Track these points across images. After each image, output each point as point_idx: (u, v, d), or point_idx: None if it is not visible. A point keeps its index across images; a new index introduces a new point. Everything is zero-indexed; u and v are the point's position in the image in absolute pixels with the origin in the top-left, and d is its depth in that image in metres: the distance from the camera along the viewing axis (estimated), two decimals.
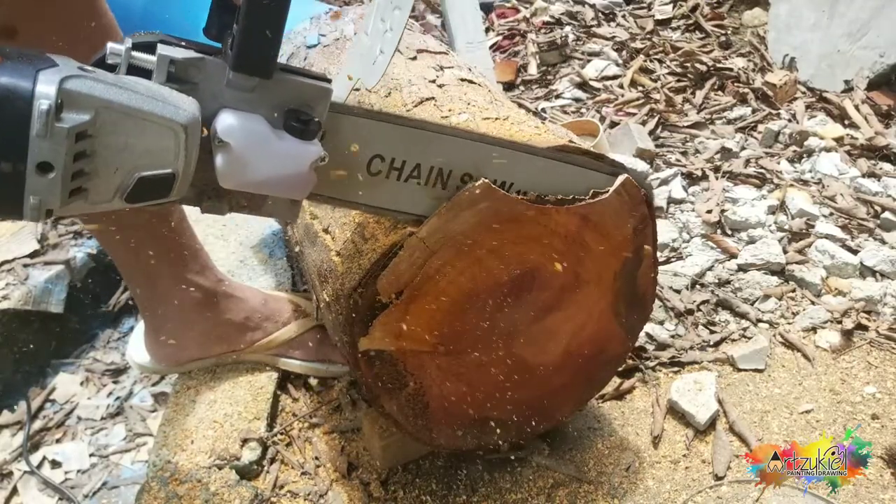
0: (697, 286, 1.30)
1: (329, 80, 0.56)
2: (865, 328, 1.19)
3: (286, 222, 0.63)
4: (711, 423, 1.02)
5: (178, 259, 0.99)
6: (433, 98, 0.85)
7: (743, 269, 1.33)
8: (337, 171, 0.61)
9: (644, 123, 1.83)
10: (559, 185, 0.73)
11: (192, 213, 0.84)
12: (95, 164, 0.47)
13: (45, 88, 0.42)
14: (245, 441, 0.99)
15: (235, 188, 0.54)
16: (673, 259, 1.38)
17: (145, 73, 0.50)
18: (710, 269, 1.34)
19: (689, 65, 2.10)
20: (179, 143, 0.48)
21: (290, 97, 0.54)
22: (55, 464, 1.06)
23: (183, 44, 0.52)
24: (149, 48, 0.50)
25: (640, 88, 2.03)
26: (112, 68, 0.50)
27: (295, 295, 1.16)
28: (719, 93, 2.02)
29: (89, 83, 0.44)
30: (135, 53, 0.50)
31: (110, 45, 0.49)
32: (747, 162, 1.66)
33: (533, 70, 2.17)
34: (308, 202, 0.69)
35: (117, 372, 1.22)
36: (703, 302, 1.27)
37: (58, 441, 1.10)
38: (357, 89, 0.63)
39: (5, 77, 0.42)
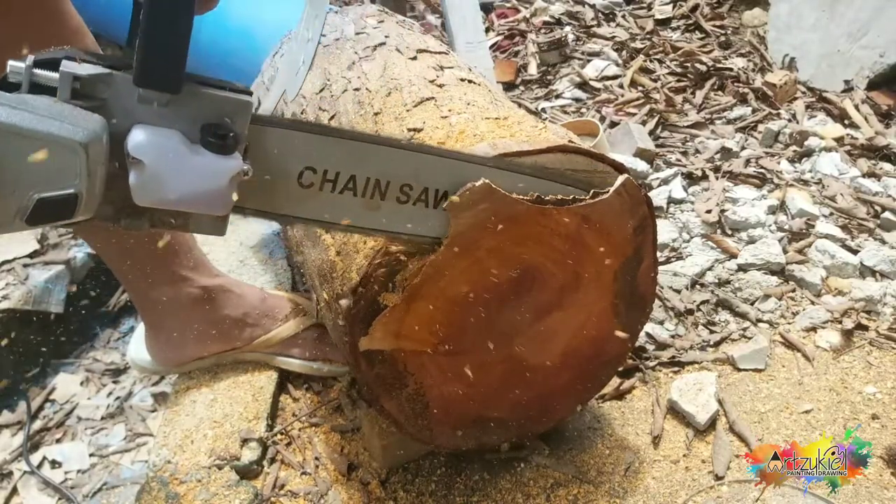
0: (697, 286, 1.30)
1: (250, 93, 0.54)
2: (865, 328, 1.19)
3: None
4: (711, 423, 1.02)
5: (172, 256, 0.99)
6: (433, 98, 0.85)
7: (743, 268, 1.33)
8: (265, 183, 0.59)
9: (644, 123, 1.83)
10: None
11: None
12: None
13: None
14: (245, 441, 0.99)
15: (151, 206, 0.52)
16: (673, 259, 1.38)
17: (51, 92, 0.48)
18: (710, 269, 1.34)
19: (689, 65, 2.10)
20: (80, 163, 0.46)
21: (208, 111, 0.52)
22: (55, 464, 1.06)
23: (92, 59, 0.49)
24: (54, 65, 0.48)
25: (640, 88, 2.03)
26: (16, 87, 0.48)
27: (294, 294, 1.16)
28: (719, 93, 2.02)
29: None
30: (37, 71, 0.47)
31: (11, 63, 0.47)
32: (747, 162, 1.66)
33: (533, 70, 2.17)
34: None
35: (117, 372, 1.23)
36: (703, 302, 1.27)
37: (58, 441, 1.10)
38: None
39: None
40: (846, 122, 1.82)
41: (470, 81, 0.94)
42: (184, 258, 1.00)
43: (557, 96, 2.04)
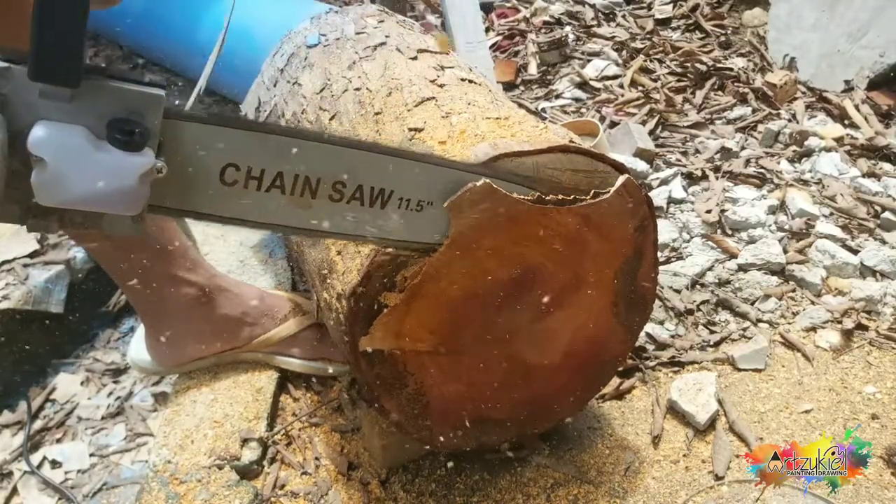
0: (697, 286, 1.30)
1: (162, 86, 0.51)
2: (865, 328, 1.19)
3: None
4: (711, 423, 1.02)
5: (168, 258, 0.99)
6: (434, 98, 0.85)
7: (743, 268, 1.33)
8: (185, 181, 0.56)
9: (644, 123, 1.83)
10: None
11: None
12: None
13: None
14: (245, 441, 0.99)
15: (56, 206, 0.49)
16: (673, 259, 1.38)
17: None
18: (710, 269, 1.34)
19: (689, 65, 2.10)
20: None
21: (115, 105, 0.49)
22: (55, 464, 1.06)
23: None
24: None
25: (640, 88, 2.03)
26: None
27: (294, 294, 1.16)
28: (719, 93, 2.02)
29: None
30: None
31: None
32: (747, 162, 1.66)
33: (533, 70, 2.17)
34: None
35: (117, 372, 1.22)
36: (703, 302, 1.27)
37: (58, 441, 1.10)
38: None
39: None
40: (846, 122, 1.82)
41: (470, 81, 0.94)
42: (181, 259, 1.00)
43: (557, 96, 2.04)
